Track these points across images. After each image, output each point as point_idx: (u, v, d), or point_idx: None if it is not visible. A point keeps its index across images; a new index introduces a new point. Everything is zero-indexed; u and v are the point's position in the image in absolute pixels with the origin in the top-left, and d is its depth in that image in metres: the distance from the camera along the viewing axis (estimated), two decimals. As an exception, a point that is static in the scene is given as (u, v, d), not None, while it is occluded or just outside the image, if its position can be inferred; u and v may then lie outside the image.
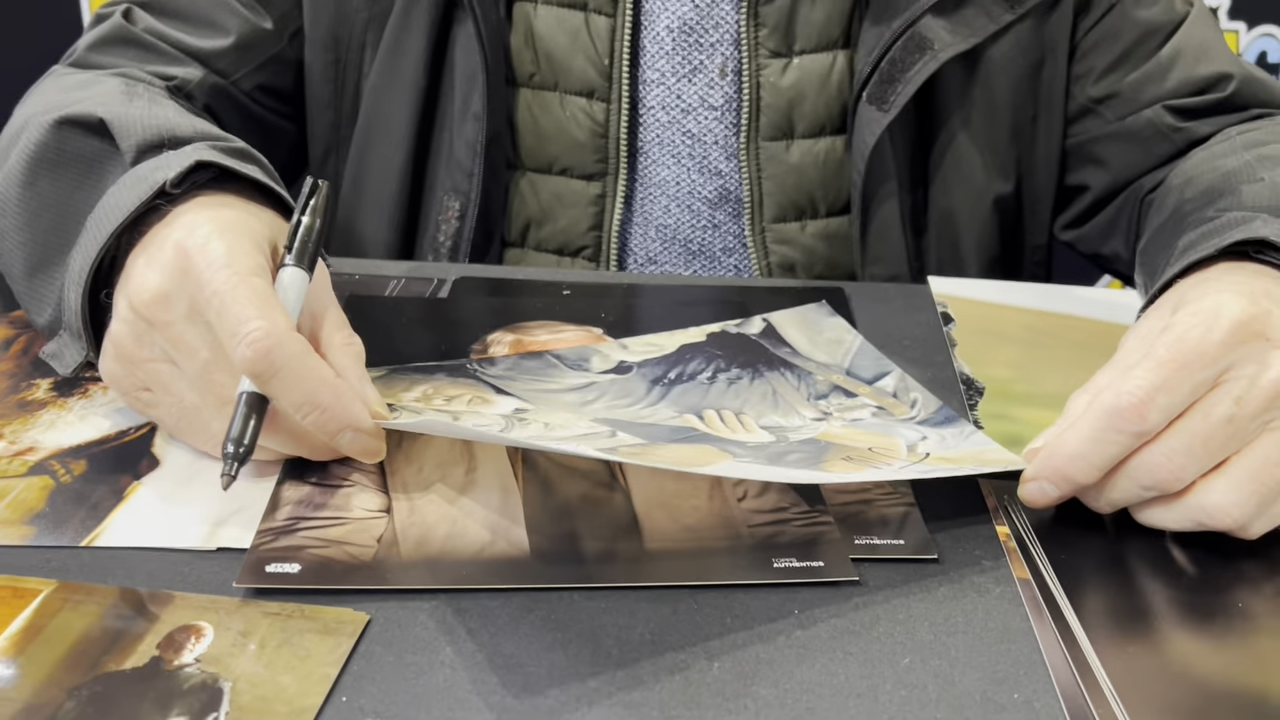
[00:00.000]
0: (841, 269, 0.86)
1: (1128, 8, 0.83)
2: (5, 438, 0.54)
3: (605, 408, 0.58)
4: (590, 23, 0.80)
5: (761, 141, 0.82)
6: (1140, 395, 0.47)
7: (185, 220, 0.52)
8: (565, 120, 0.82)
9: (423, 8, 0.79)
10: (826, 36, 0.82)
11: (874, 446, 0.55)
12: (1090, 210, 0.87)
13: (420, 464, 0.53)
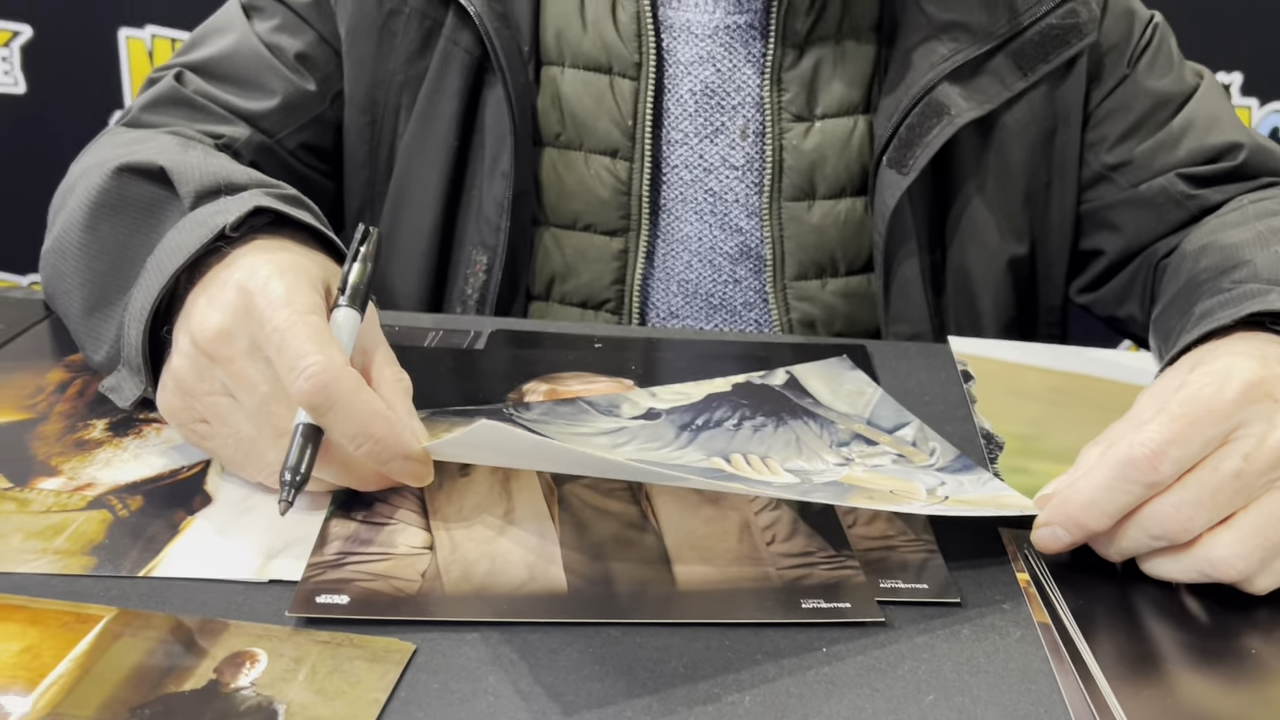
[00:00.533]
0: (860, 326, 0.88)
1: (1140, 78, 0.87)
2: (64, 474, 0.56)
3: (636, 450, 0.60)
4: (615, 86, 0.84)
5: (784, 201, 0.85)
6: (1153, 447, 0.49)
7: (246, 262, 0.55)
8: (589, 178, 0.85)
9: (455, 72, 0.83)
10: (847, 102, 0.85)
11: (895, 489, 0.57)
12: (1105, 274, 0.90)
13: (460, 504, 0.55)
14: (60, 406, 0.62)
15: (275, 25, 0.85)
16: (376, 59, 0.84)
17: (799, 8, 0.82)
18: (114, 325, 0.61)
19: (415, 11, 0.83)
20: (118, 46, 1.74)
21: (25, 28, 1.75)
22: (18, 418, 0.61)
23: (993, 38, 0.82)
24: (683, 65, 0.84)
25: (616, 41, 0.83)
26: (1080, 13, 0.82)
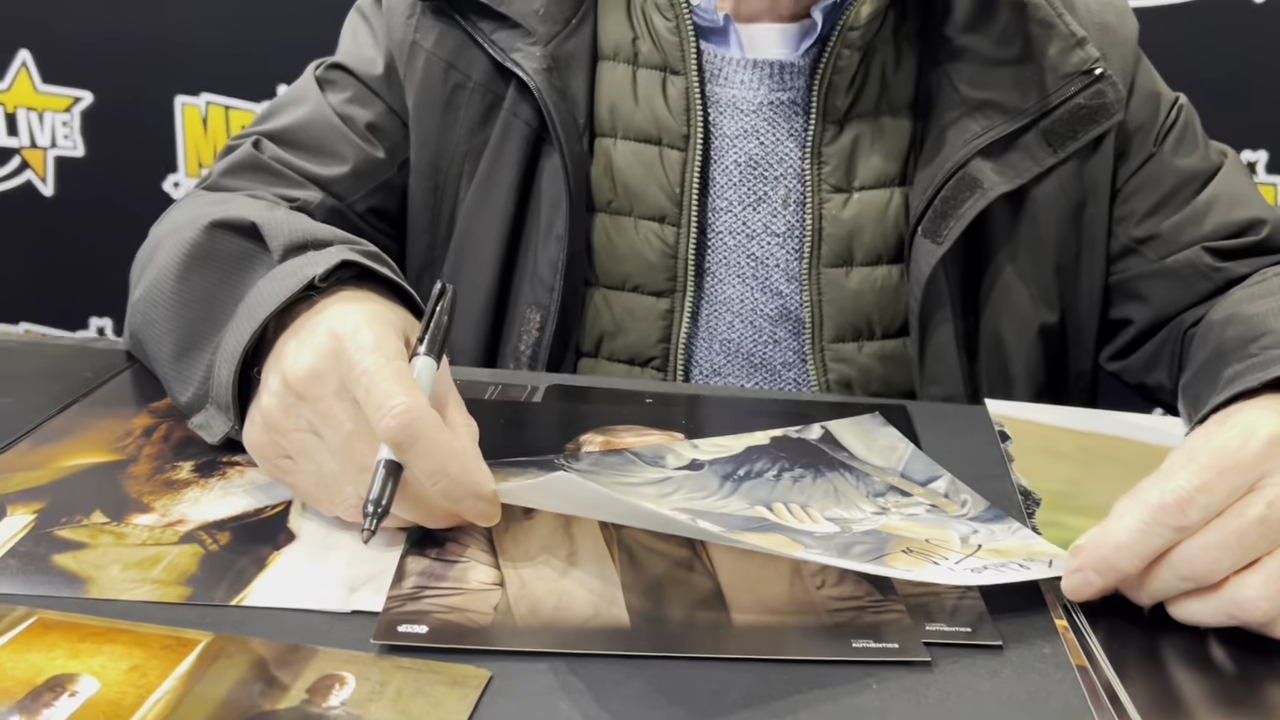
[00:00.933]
0: (896, 388, 0.91)
1: (1166, 156, 0.90)
2: (157, 510, 0.60)
3: (683, 499, 0.64)
4: (664, 156, 0.88)
5: (823, 268, 0.89)
6: (1182, 494, 0.52)
7: (335, 310, 0.59)
8: (638, 242, 0.89)
9: (515, 142, 0.88)
10: (884, 175, 0.89)
11: (930, 538, 0.60)
12: (1134, 343, 0.93)
13: (526, 545, 0.58)
14: (148, 449, 0.66)
15: (347, 97, 0.91)
16: (441, 130, 0.89)
17: (839, 86, 0.87)
18: (202, 368, 0.65)
19: (479, 86, 0.88)
20: (174, 113, 1.81)
21: (87, 94, 1.82)
22: (110, 459, 0.65)
23: (1023, 116, 0.86)
24: (728, 138, 0.88)
25: (666, 116, 0.88)
26: (1107, 94, 0.86)
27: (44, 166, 1.87)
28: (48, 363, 0.78)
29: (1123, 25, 0.91)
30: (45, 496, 0.60)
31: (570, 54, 0.87)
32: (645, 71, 0.88)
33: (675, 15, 0.87)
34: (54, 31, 1.79)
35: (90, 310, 1.93)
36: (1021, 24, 0.87)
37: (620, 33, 0.89)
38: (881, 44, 0.89)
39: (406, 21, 0.90)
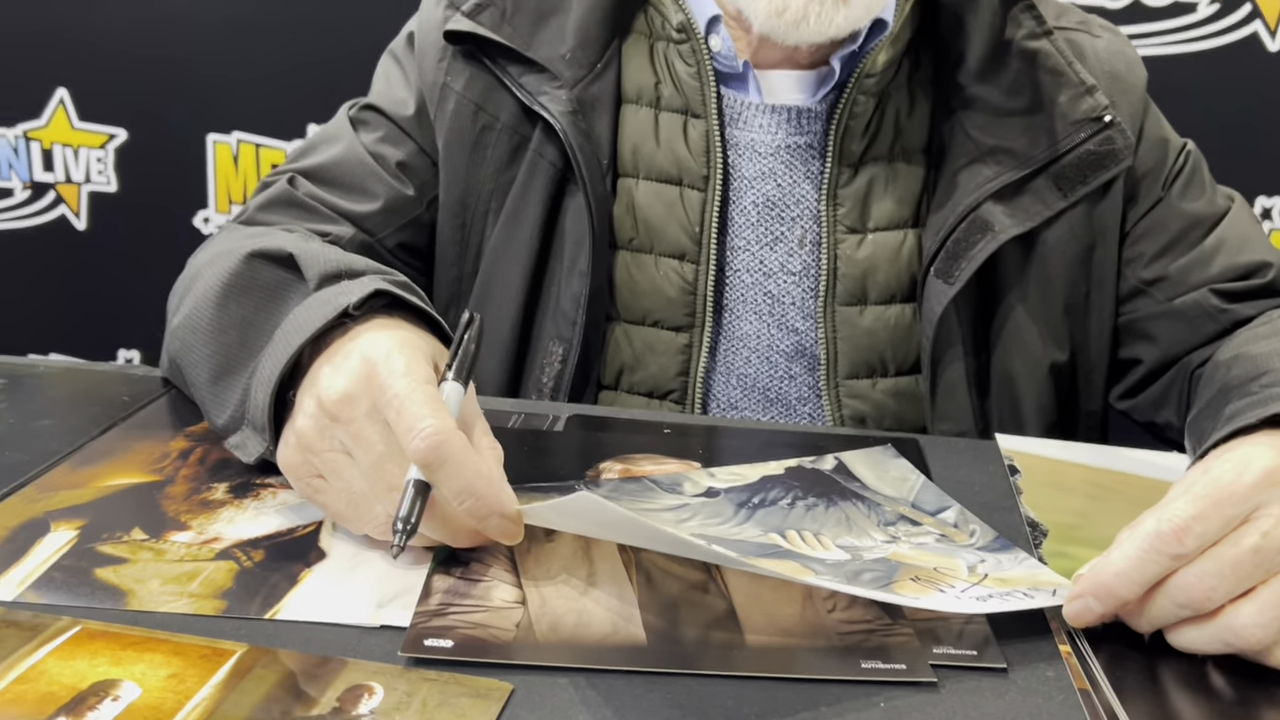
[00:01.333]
0: (909, 424, 0.93)
1: (1174, 201, 0.93)
2: (193, 529, 0.62)
3: (699, 525, 0.66)
4: (684, 196, 0.91)
5: (837, 306, 0.91)
6: (1179, 523, 0.54)
7: (368, 336, 0.62)
8: (659, 279, 0.91)
9: (540, 181, 0.91)
10: (898, 217, 0.91)
11: (939, 566, 0.62)
12: (1143, 382, 0.94)
13: (548, 565, 0.60)
14: (184, 471, 0.69)
15: (379, 137, 0.94)
16: (470, 169, 0.92)
17: (854, 131, 0.90)
18: (238, 392, 0.68)
19: (506, 127, 0.92)
20: (206, 150, 1.85)
21: (121, 131, 1.87)
22: (148, 479, 0.67)
23: (1034, 162, 0.88)
24: (747, 180, 0.91)
25: (687, 157, 0.90)
26: (1116, 140, 0.89)
27: (78, 201, 1.91)
28: (87, 387, 0.81)
29: (1131, 74, 0.94)
30: (87, 514, 0.63)
31: (595, 97, 0.90)
32: (667, 114, 0.91)
33: (697, 61, 0.90)
34: (90, 70, 1.84)
35: (119, 342, 1.96)
36: (1032, 72, 0.90)
37: (643, 77, 0.92)
38: (896, 90, 0.91)
39: (438, 65, 0.93)
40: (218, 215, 1.88)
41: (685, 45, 0.90)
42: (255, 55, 1.79)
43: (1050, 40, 0.90)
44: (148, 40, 1.80)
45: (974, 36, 0.90)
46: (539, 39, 0.90)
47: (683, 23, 0.90)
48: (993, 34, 0.90)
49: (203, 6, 1.78)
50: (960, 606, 0.57)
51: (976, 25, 0.90)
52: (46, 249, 1.93)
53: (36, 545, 0.59)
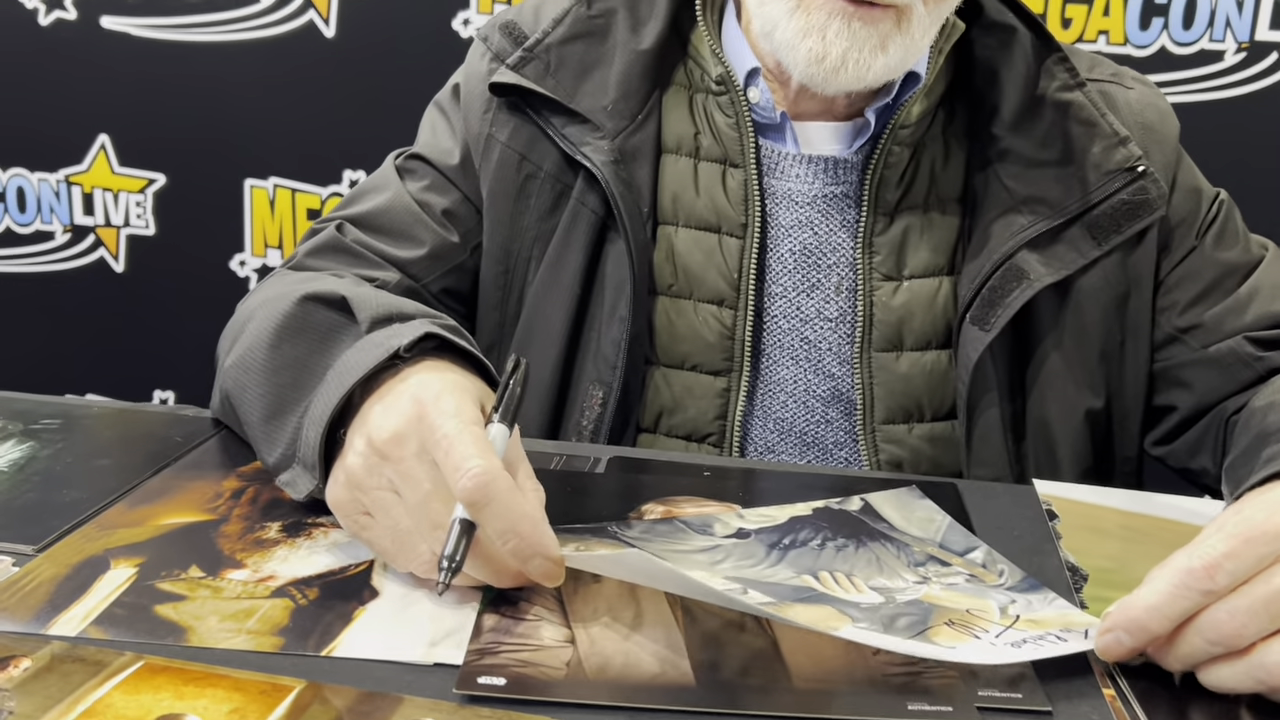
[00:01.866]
0: (945, 469, 0.94)
1: (1208, 249, 0.94)
2: (249, 567, 0.64)
3: (733, 567, 0.67)
4: (723, 244, 0.93)
5: (873, 352, 0.92)
6: (1211, 559, 0.55)
7: (418, 378, 0.63)
8: (698, 324, 0.93)
9: (581, 229, 0.93)
10: (933, 265, 0.93)
11: (971, 608, 0.63)
12: (1178, 429, 0.95)
13: (595, 606, 0.61)
14: (238, 510, 0.70)
15: (425, 185, 0.97)
16: (514, 217, 0.95)
17: (890, 180, 0.91)
18: (289, 431, 0.69)
19: (549, 176, 0.94)
20: (243, 196, 1.89)
21: (160, 176, 1.91)
22: (203, 518, 0.69)
23: (1068, 211, 0.90)
24: (784, 228, 0.93)
25: (726, 206, 0.92)
26: (1150, 190, 0.90)
27: (116, 244, 1.95)
28: (140, 428, 0.83)
29: (1164, 125, 0.95)
30: (146, 552, 0.64)
31: (636, 147, 0.92)
32: (706, 164, 0.93)
33: (735, 112, 0.92)
34: (131, 117, 1.88)
35: (155, 383, 1.99)
36: (1066, 123, 0.91)
37: (683, 128, 0.94)
38: (931, 141, 0.93)
39: (483, 116, 0.95)
40: (254, 259, 1.91)
41: (724, 97, 0.93)
42: (292, 103, 1.83)
43: (1083, 92, 0.92)
44: (187, 88, 1.84)
45: (1008, 88, 0.92)
46: (581, 91, 0.92)
47: (722, 75, 0.92)
48: (1026, 86, 0.92)
49: (241, 55, 1.82)
50: (996, 655, 0.58)
51: (1010, 77, 0.92)
52: (85, 291, 1.96)
53: (98, 582, 0.61)
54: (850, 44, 0.82)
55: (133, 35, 1.84)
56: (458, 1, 1.75)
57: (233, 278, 1.92)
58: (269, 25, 1.82)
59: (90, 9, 1.84)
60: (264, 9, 1.81)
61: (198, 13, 1.82)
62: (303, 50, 1.80)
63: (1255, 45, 1.63)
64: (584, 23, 0.94)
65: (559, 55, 0.93)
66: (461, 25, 1.75)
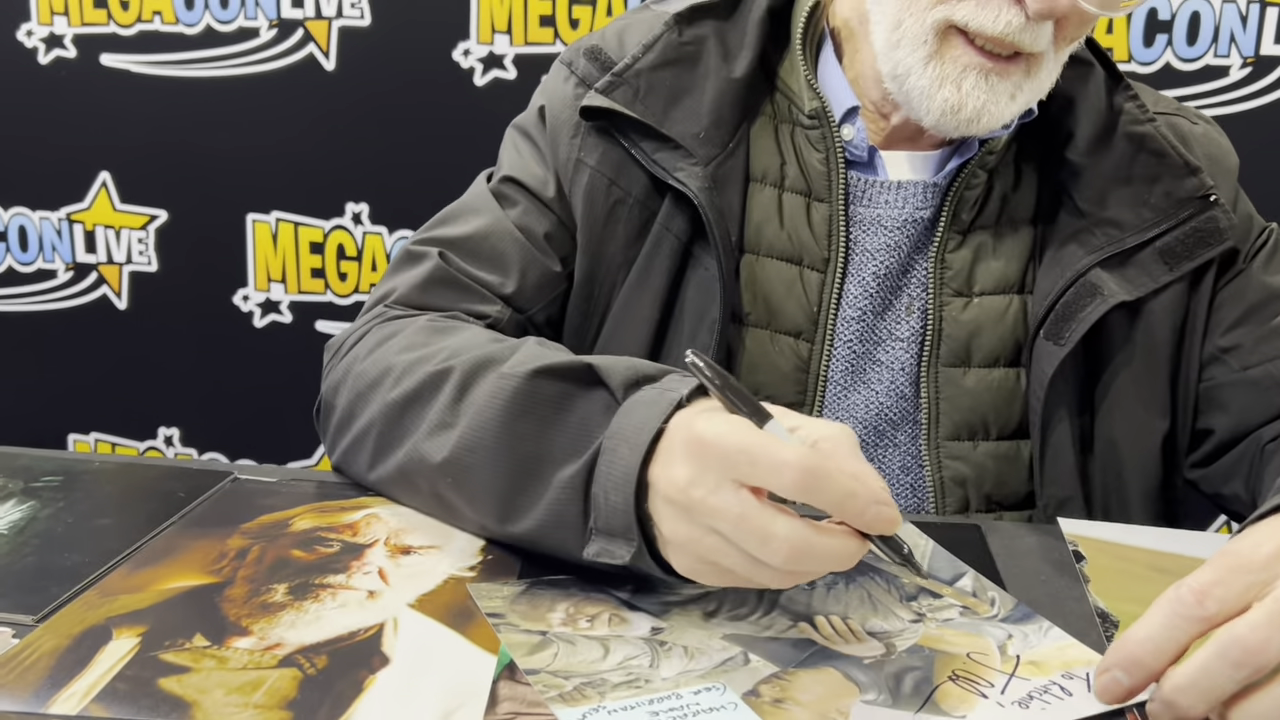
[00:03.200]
0: (1010, 488, 0.92)
1: (1255, 273, 0.93)
2: (255, 634, 0.62)
3: (726, 617, 0.65)
4: (804, 276, 0.92)
5: (941, 366, 0.91)
6: (1199, 587, 0.54)
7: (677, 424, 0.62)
8: (774, 355, 0.92)
9: (664, 254, 0.91)
10: (1004, 281, 0.92)
11: (971, 652, 0.62)
12: (1215, 453, 0.93)
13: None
14: (243, 571, 0.68)
15: (522, 210, 0.95)
16: (602, 242, 0.93)
17: (967, 201, 0.92)
18: (541, 500, 0.67)
19: (637, 202, 0.92)
20: (245, 230, 1.87)
21: (162, 212, 1.89)
22: (207, 581, 0.67)
23: (1142, 234, 0.89)
24: (868, 253, 0.92)
25: (810, 240, 0.92)
26: (1220, 220, 0.90)
27: (119, 281, 1.93)
28: (143, 484, 0.81)
29: (1227, 159, 0.96)
30: (148, 619, 0.63)
31: (727, 175, 0.91)
32: (790, 196, 0.93)
33: (827, 148, 0.92)
34: (132, 154, 1.87)
35: (159, 420, 1.97)
36: (1139, 153, 0.91)
37: (769, 159, 0.93)
38: (1004, 165, 0.94)
39: (571, 140, 0.94)
40: (257, 293, 1.90)
41: (816, 131, 0.92)
42: (293, 137, 1.82)
43: (1153, 126, 0.92)
44: (187, 124, 1.83)
45: (1083, 117, 0.92)
46: (672, 117, 0.91)
47: (816, 110, 0.92)
48: (1101, 116, 0.92)
49: (241, 90, 1.81)
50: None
51: (1085, 107, 0.92)
52: (88, 329, 1.95)
53: (100, 654, 0.59)
54: (988, 98, 0.82)
55: (132, 72, 1.83)
56: (458, 32, 1.74)
57: (236, 312, 1.90)
58: (269, 59, 1.81)
59: (90, 47, 1.83)
60: (263, 43, 1.80)
61: (197, 48, 1.81)
62: (303, 84, 1.79)
63: (1260, 60, 1.62)
64: (675, 49, 0.93)
65: (649, 81, 0.92)
66: (462, 56, 1.74)
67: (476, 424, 0.71)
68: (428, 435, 0.74)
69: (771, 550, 0.57)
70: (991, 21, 0.80)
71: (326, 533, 0.74)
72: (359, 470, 0.81)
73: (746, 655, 0.61)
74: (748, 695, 0.58)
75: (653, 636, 0.63)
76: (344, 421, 0.83)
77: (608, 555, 0.64)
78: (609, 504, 0.63)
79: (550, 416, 0.68)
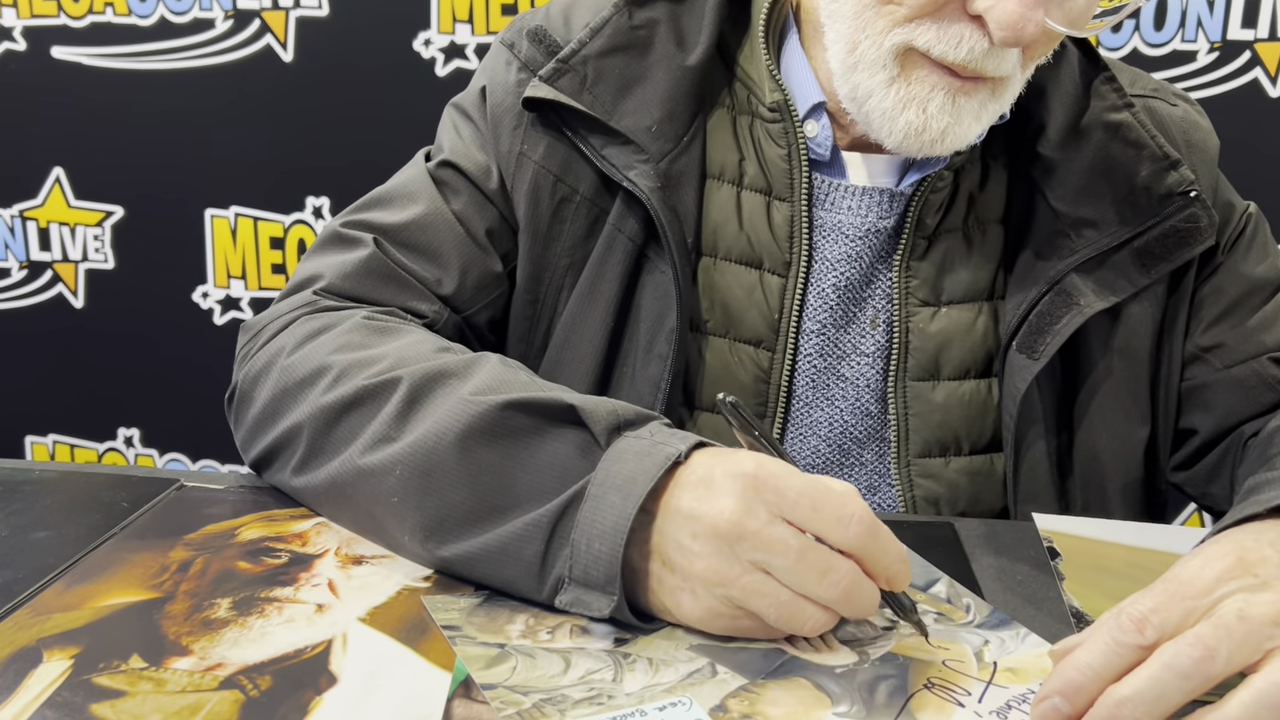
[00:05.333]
0: (985, 505, 0.88)
1: (1234, 264, 0.89)
2: (195, 654, 0.59)
3: (699, 634, 0.62)
4: (764, 281, 0.86)
5: (909, 381, 0.86)
6: (1138, 614, 0.54)
7: (709, 462, 0.61)
8: (734, 365, 0.86)
9: (617, 257, 0.86)
10: (973, 289, 0.87)
11: (947, 659, 0.60)
12: (1198, 453, 0.90)
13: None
14: (185, 586, 0.65)
15: (464, 201, 0.88)
16: (547, 243, 0.87)
17: (932, 205, 0.86)
18: (490, 531, 0.63)
19: (585, 200, 0.87)
20: (204, 225, 1.83)
21: (118, 209, 1.85)
22: (147, 596, 0.64)
23: (1118, 235, 0.84)
24: (829, 262, 0.86)
25: (770, 242, 0.86)
26: (1201, 218, 0.85)
27: (75, 279, 1.89)
28: (85, 493, 0.78)
29: (1207, 144, 0.91)
30: (82, 639, 0.59)
31: (681, 172, 0.85)
32: (750, 194, 0.87)
33: (789, 144, 0.86)
34: (87, 149, 1.83)
35: (119, 421, 1.93)
36: (1115, 144, 0.86)
37: (727, 154, 0.88)
38: (969, 163, 0.88)
39: (514, 132, 0.88)
40: (216, 290, 1.86)
41: (777, 126, 0.86)
42: (251, 130, 1.78)
43: (1131, 113, 0.87)
44: (142, 117, 1.79)
45: (1055, 107, 0.87)
46: (622, 109, 0.85)
47: (778, 103, 0.86)
48: (1075, 104, 0.87)
49: (197, 82, 1.77)
50: None
51: (1057, 94, 0.87)
52: (44, 328, 1.91)
53: (28, 679, 0.56)
54: (951, 120, 0.77)
55: (85, 65, 1.79)
56: (419, 22, 1.70)
57: (195, 310, 1.87)
58: (225, 51, 1.77)
59: (40, 39, 1.79)
60: (219, 35, 1.76)
61: (151, 40, 1.77)
62: (261, 75, 1.75)
63: (1227, 45, 1.61)
64: (625, 34, 0.86)
65: (597, 68, 0.85)
66: (423, 45, 1.71)
67: (429, 445, 0.66)
68: (368, 448, 0.69)
69: (831, 584, 0.57)
70: (954, 48, 0.74)
71: (275, 543, 0.71)
72: (279, 473, 0.76)
73: (714, 667, 0.59)
74: (715, 710, 0.55)
75: (616, 649, 0.60)
76: (265, 418, 0.77)
77: (582, 606, 0.61)
78: (591, 552, 0.60)
79: (517, 451, 0.65)
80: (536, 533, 0.62)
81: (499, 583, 0.64)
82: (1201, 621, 0.53)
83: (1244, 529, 0.61)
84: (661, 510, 0.61)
